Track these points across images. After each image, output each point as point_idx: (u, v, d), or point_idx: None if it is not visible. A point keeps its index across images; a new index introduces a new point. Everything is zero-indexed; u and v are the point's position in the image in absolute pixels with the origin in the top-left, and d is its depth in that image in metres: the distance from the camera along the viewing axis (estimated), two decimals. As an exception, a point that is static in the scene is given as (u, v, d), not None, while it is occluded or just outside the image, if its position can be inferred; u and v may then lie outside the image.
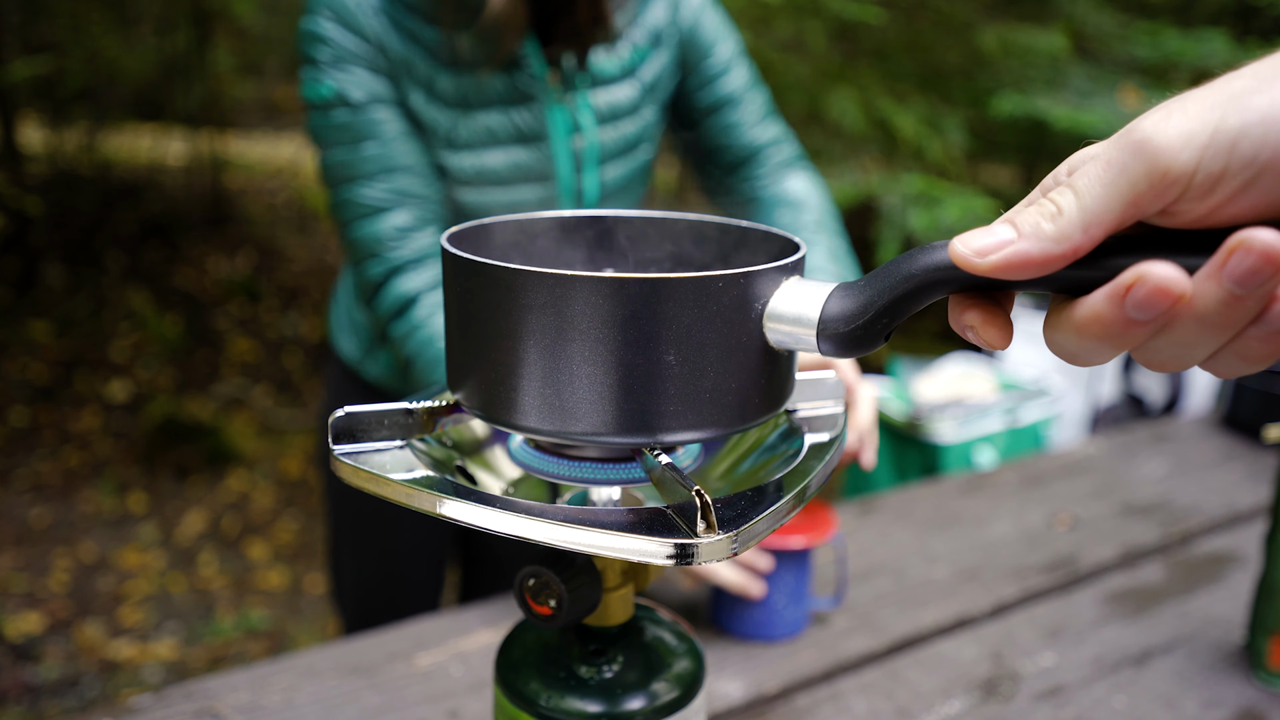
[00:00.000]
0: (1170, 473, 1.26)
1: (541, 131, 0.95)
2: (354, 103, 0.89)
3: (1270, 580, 0.80)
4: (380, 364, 1.11)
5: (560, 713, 0.45)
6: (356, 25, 0.89)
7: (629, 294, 0.37)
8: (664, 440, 0.40)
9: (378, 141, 0.90)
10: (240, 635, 2.29)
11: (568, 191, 0.99)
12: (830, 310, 0.39)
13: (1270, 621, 0.81)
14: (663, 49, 1.01)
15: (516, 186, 0.97)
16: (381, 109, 0.90)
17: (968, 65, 2.49)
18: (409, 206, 0.91)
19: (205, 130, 4.69)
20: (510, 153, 0.95)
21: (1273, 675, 0.82)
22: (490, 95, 0.93)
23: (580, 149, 0.98)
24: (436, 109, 0.92)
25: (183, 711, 0.72)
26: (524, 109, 0.94)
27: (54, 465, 2.97)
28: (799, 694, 0.78)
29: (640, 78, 1.00)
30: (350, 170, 0.90)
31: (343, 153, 0.90)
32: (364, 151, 0.90)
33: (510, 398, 0.40)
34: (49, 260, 3.98)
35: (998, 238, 0.33)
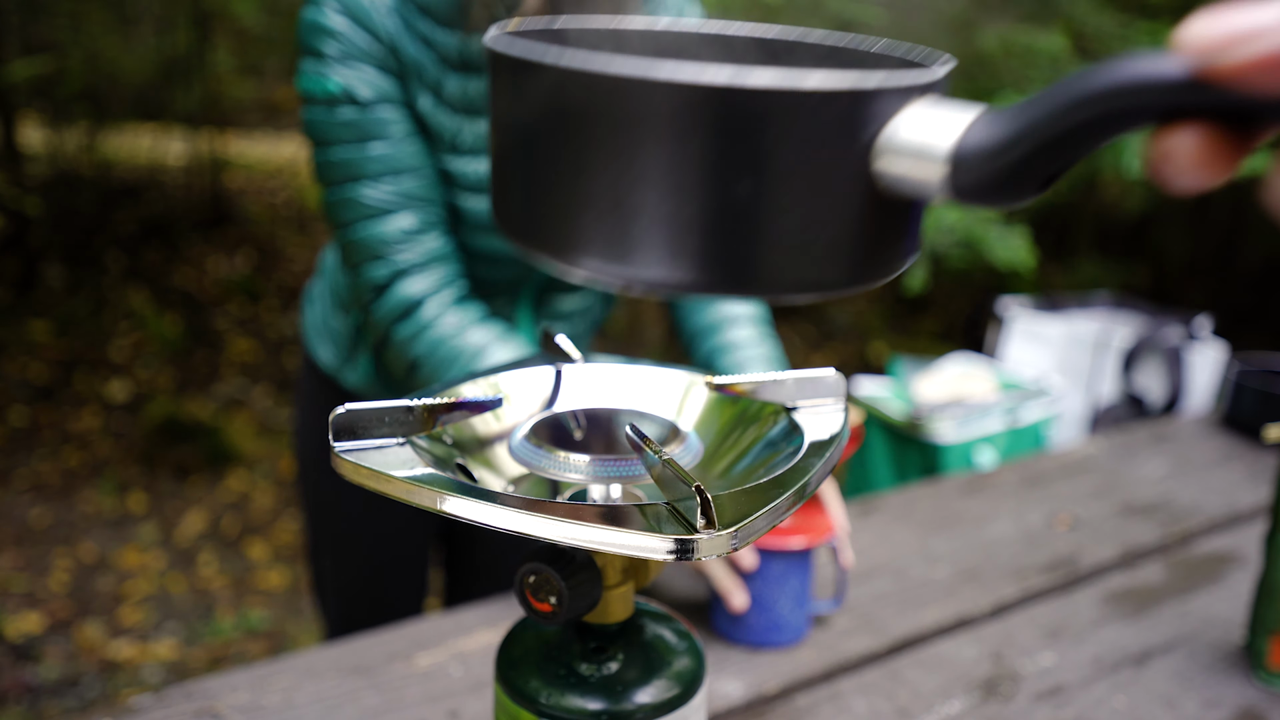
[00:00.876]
0: (1170, 473, 1.26)
1: None
2: (362, 100, 0.88)
3: (1270, 580, 0.80)
4: (359, 371, 1.10)
5: (561, 710, 0.45)
6: (369, 23, 0.87)
7: (704, 104, 0.29)
8: (733, 293, 0.32)
9: (386, 142, 0.89)
10: (240, 635, 2.29)
11: None
12: (971, 140, 0.29)
13: (1270, 621, 0.81)
14: None
15: None
16: (389, 109, 0.89)
17: (968, 65, 2.50)
18: (414, 209, 0.90)
19: (205, 130, 4.69)
20: None
21: (1273, 675, 0.82)
22: None
23: None
24: (443, 113, 0.91)
25: (183, 711, 0.72)
26: None
27: (54, 465, 2.97)
28: (799, 694, 0.78)
29: None
30: (354, 170, 0.89)
31: (347, 151, 0.89)
32: (370, 151, 0.88)
33: (567, 230, 0.33)
34: (49, 260, 3.98)
35: (1255, 22, 0.21)
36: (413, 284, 0.90)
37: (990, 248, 2.07)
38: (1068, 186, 5.10)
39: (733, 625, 0.84)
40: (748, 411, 0.52)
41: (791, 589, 0.82)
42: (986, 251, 2.08)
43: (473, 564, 1.25)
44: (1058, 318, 2.36)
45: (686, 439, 0.48)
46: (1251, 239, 5.31)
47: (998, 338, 2.37)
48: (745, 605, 0.81)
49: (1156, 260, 5.36)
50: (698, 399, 0.54)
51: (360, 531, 1.16)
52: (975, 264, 2.28)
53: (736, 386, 0.53)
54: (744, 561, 0.81)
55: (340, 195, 0.90)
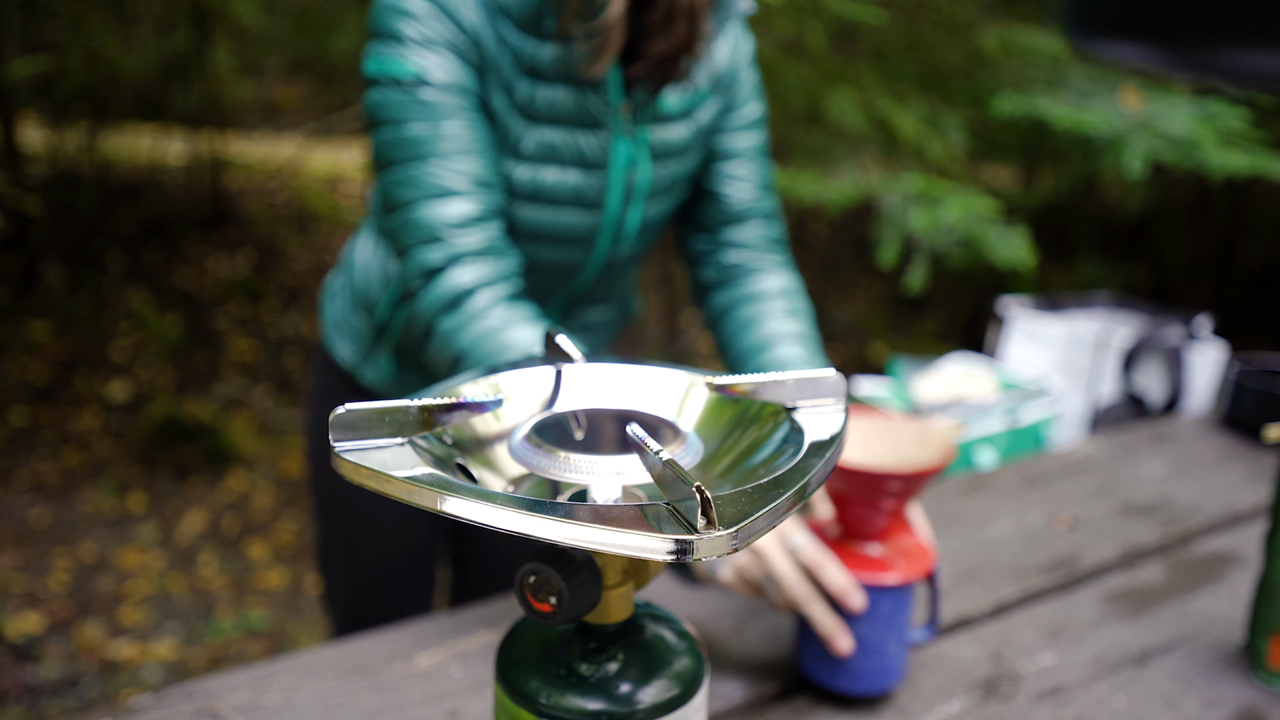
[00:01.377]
0: (1170, 473, 1.26)
1: (603, 160, 0.93)
2: (436, 83, 0.86)
3: (1270, 580, 0.80)
4: (378, 369, 1.10)
5: (561, 710, 0.45)
6: (454, 13, 0.86)
7: None
8: None
9: (458, 123, 0.86)
10: (240, 635, 2.29)
11: (611, 223, 0.98)
12: None
13: (1271, 622, 0.81)
14: (719, 95, 1.00)
15: (565, 209, 0.94)
16: (465, 95, 0.87)
17: (968, 65, 2.49)
18: (479, 196, 0.87)
19: (205, 130, 4.69)
20: (567, 174, 0.93)
21: (1273, 675, 0.82)
22: (561, 113, 0.90)
23: (633, 182, 0.96)
24: (510, 116, 0.90)
25: (182, 711, 0.72)
26: (590, 134, 0.92)
27: (54, 465, 2.97)
28: (799, 694, 0.78)
29: (696, 120, 0.98)
30: (423, 148, 0.85)
31: (417, 129, 0.85)
32: (443, 130, 0.85)
33: None
34: (49, 260, 3.98)
35: None
36: (466, 272, 0.85)
37: (990, 247, 2.07)
38: (1068, 187, 5.10)
39: (834, 672, 0.75)
40: (748, 412, 0.52)
41: (898, 626, 0.75)
42: (987, 251, 2.08)
43: (482, 562, 1.25)
44: (1058, 318, 2.36)
45: (686, 439, 0.48)
46: (1251, 239, 5.31)
47: (998, 338, 2.37)
48: (852, 648, 0.73)
49: (1156, 260, 5.36)
50: (698, 399, 0.54)
51: (370, 528, 1.16)
52: (975, 264, 2.28)
53: (736, 387, 0.53)
54: (853, 602, 0.72)
55: (405, 173, 0.86)
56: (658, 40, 0.88)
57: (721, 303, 1.06)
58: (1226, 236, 5.37)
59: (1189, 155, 2.07)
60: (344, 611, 1.22)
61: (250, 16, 3.86)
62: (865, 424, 0.78)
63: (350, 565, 1.19)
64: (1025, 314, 2.34)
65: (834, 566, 0.73)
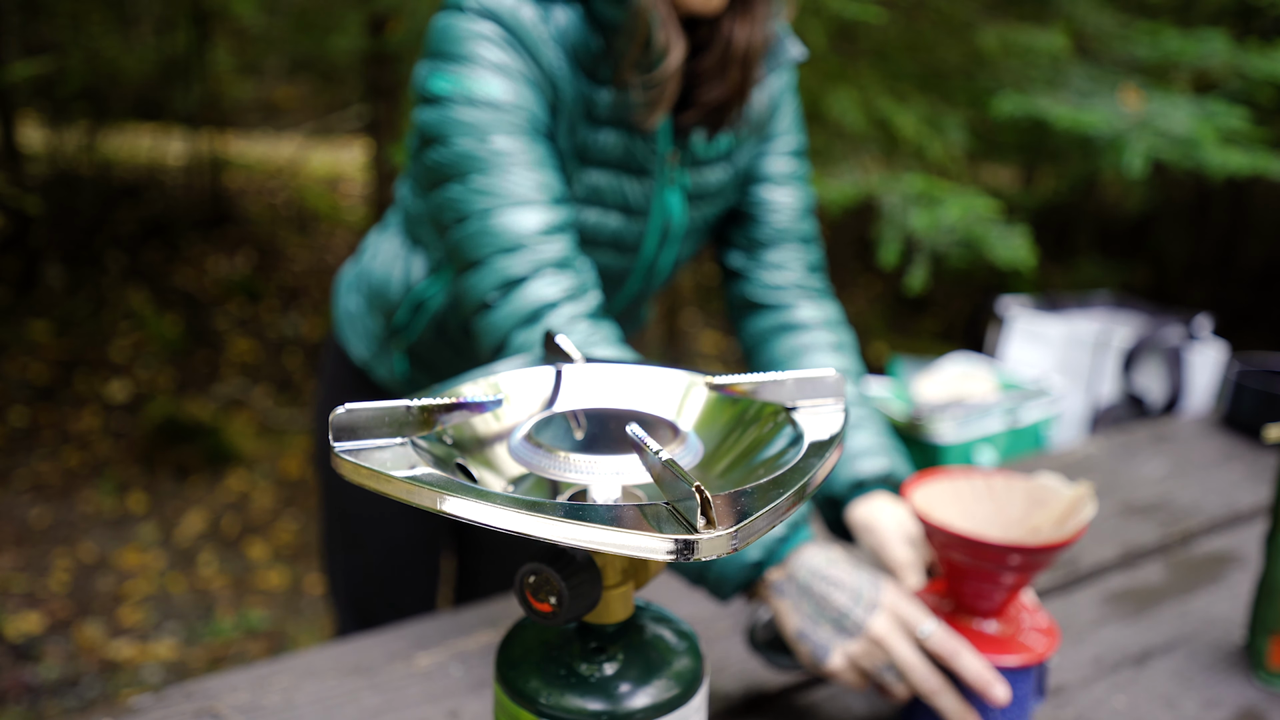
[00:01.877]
0: (1170, 473, 1.26)
1: (646, 206, 0.93)
2: (516, 106, 0.83)
3: (1270, 580, 0.80)
4: (390, 367, 1.10)
5: (560, 710, 0.45)
6: (535, 49, 0.84)
7: None
8: None
9: (536, 144, 0.83)
10: (240, 635, 2.29)
11: (645, 265, 0.97)
12: None
13: (1271, 621, 0.81)
14: (757, 136, 0.99)
15: (602, 250, 0.93)
16: (539, 124, 0.85)
17: (968, 65, 2.49)
18: (558, 208, 0.83)
19: (205, 130, 4.69)
20: (609, 216, 0.92)
21: (1273, 675, 0.82)
22: (611, 157, 0.89)
23: (668, 226, 0.95)
24: (568, 157, 0.89)
25: (183, 711, 0.72)
26: (636, 180, 0.91)
27: (54, 465, 2.97)
28: (799, 694, 0.78)
29: (735, 163, 0.98)
30: (502, 159, 0.82)
31: (501, 143, 0.82)
32: (523, 144, 0.82)
33: None
34: (49, 260, 3.98)
35: None
36: (548, 285, 0.80)
37: (990, 247, 2.07)
38: (1068, 186, 5.10)
39: None
40: (748, 412, 0.52)
41: (1030, 710, 0.69)
42: (987, 251, 2.08)
43: (486, 554, 1.25)
44: (1058, 318, 2.36)
45: (686, 439, 0.48)
46: (1251, 239, 5.31)
47: (998, 338, 2.37)
48: (1008, 698, 0.65)
49: (1156, 260, 5.36)
50: (698, 399, 0.54)
51: (373, 516, 1.16)
52: (975, 264, 2.28)
53: (736, 387, 0.53)
54: (998, 695, 0.65)
55: (471, 185, 0.82)
56: (711, 87, 0.87)
57: (760, 329, 1.03)
58: (1227, 236, 5.37)
59: (1189, 154, 2.07)
60: (347, 602, 1.22)
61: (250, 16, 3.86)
62: (964, 485, 0.72)
63: (353, 553, 1.19)
64: (1025, 314, 2.34)
65: (971, 655, 0.66)
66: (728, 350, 4.40)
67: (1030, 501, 0.71)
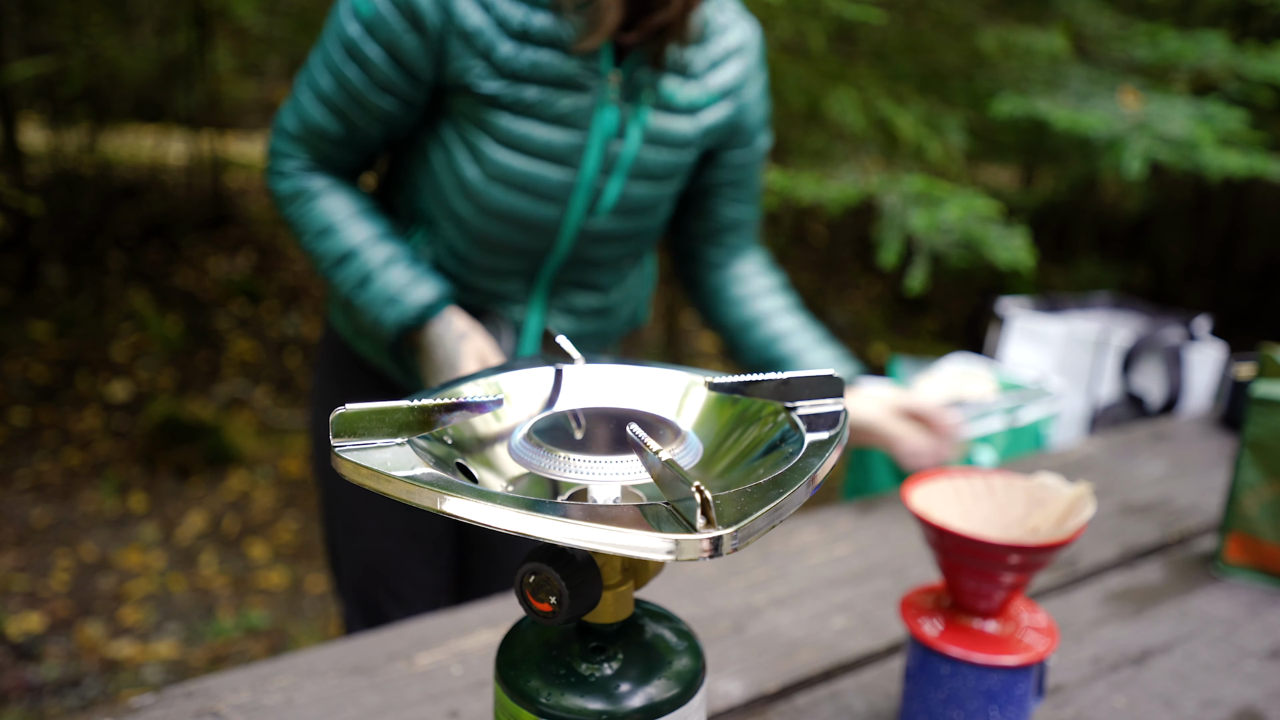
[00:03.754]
0: (1170, 472, 1.26)
1: (583, 121, 0.97)
2: (371, 33, 0.93)
3: (1233, 488, 0.97)
4: (366, 341, 1.13)
5: (560, 710, 0.46)
6: None
7: None
8: None
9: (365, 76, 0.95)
10: (240, 635, 2.29)
11: (586, 187, 1.01)
12: None
13: (1229, 521, 0.98)
14: (725, 105, 1.05)
15: (542, 162, 0.98)
16: (386, 58, 0.94)
17: (967, 66, 2.49)
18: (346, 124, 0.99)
19: (206, 130, 4.69)
20: (549, 130, 0.97)
21: (1228, 567, 0.99)
22: (546, 74, 0.95)
23: (615, 153, 1.00)
24: (492, 79, 0.94)
25: (183, 711, 0.72)
26: (573, 95, 0.96)
27: (55, 465, 2.97)
28: (799, 693, 0.79)
29: (701, 120, 1.03)
30: (329, 68, 0.97)
31: (336, 54, 0.96)
32: (347, 70, 0.96)
33: None
34: (50, 260, 3.98)
35: None
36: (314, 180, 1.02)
37: (990, 248, 2.07)
38: (1067, 187, 5.10)
39: None
40: (748, 411, 0.52)
41: (1029, 709, 0.69)
42: (986, 251, 2.08)
43: (475, 549, 1.26)
44: (1057, 318, 2.36)
45: (686, 439, 0.49)
46: (1250, 240, 5.31)
47: (998, 338, 2.38)
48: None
49: (1156, 260, 5.36)
50: (697, 399, 0.54)
51: (373, 504, 1.17)
52: (975, 264, 2.28)
53: (736, 386, 0.53)
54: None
55: (300, 92, 1.01)
56: (655, 14, 0.93)
57: (710, 285, 1.20)
58: (1225, 237, 5.37)
59: (1187, 156, 2.07)
60: (351, 594, 1.22)
61: (250, 17, 3.86)
62: (964, 485, 0.72)
63: (353, 539, 1.20)
64: (1025, 314, 2.34)
65: None
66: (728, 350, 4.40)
67: (1030, 501, 0.71)
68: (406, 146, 1.06)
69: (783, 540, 1.02)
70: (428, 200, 1.05)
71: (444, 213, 1.04)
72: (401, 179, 1.09)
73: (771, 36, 2.33)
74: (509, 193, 0.99)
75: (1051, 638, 0.68)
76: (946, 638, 0.67)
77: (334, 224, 1.02)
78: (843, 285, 5.27)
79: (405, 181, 1.08)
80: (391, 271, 1.01)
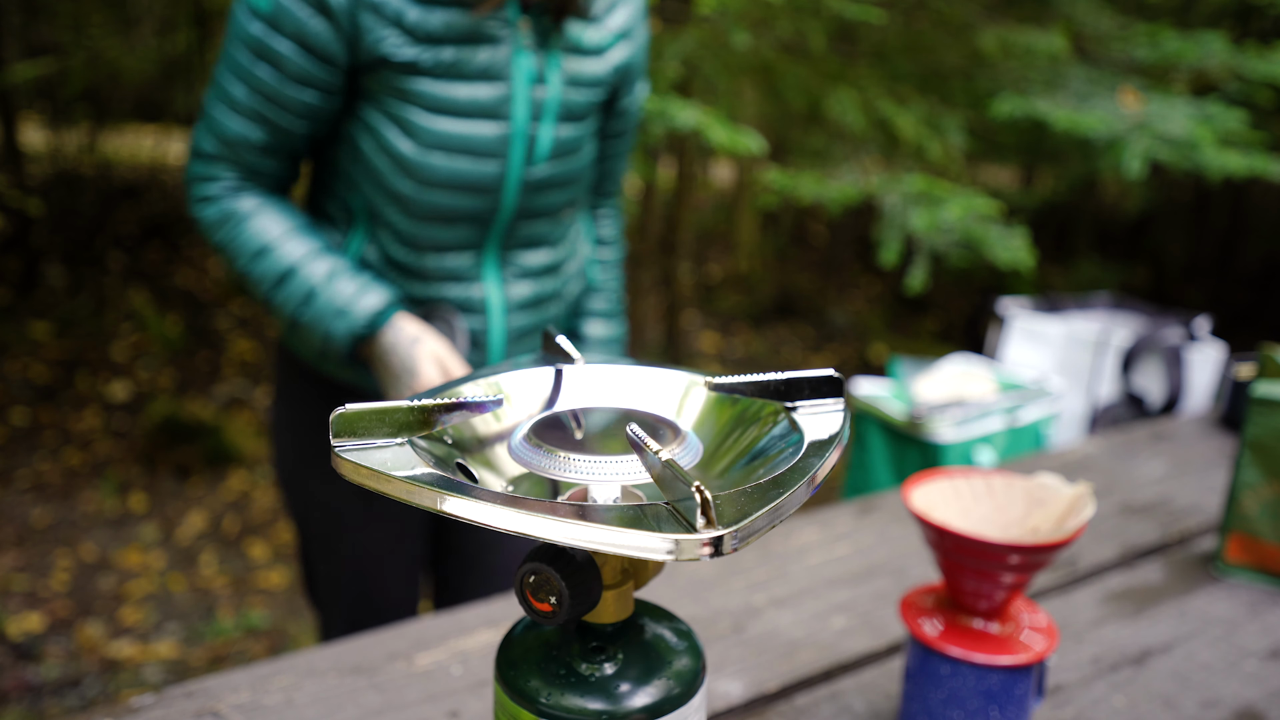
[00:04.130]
0: (1170, 472, 1.26)
1: (503, 71, 1.00)
2: (276, 27, 0.94)
3: (1233, 488, 0.97)
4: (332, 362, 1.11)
5: (560, 710, 0.46)
6: None
7: None
8: None
9: (275, 72, 0.96)
10: (240, 635, 2.29)
11: (521, 137, 1.03)
12: None
13: (1229, 522, 0.98)
14: (624, 46, 1.10)
15: (475, 121, 1.00)
16: (296, 49, 0.95)
17: (967, 66, 2.49)
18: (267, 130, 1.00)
19: (206, 131, 4.69)
20: (473, 88, 0.99)
21: (1228, 567, 0.99)
22: (459, 32, 0.97)
23: (541, 99, 1.02)
24: (407, 44, 0.96)
25: (183, 711, 0.72)
26: (489, 48, 0.99)
27: (55, 465, 2.97)
28: (799, 693, 0.79)
29: (609, 60, 1.08)
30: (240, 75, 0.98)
31: (242, 56, 0.97)
32: (257, 70, 0.96)
33: None
34: (50, 260, 3.98)
35: None
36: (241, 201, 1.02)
37: (990, 248, 2.07)
38: (1067, 187, 5.10)
39: None
40: (748, 411, 0.52)
41: (1029, 709, 0.68)
42: (986, 251, 2.08)
43: (452, 553, 1.25)
44: (1057, 318, 2.36)
45: (686, 439, 0.49)
46: (1250, 240, 5.31)
47: (998, 338, 2.38)
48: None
49: (1156, 260, 5.36)
50: (697, 399, 0.54)
51: (343, 528, 1.16)
52: (975, 264, 2.28)
53: (735, 387, 0.53)
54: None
55: (210, 100, 1.01)
56: None
57: None
58: (1225, 237, 5.37)
59: (1188, 156, 2.07)
60: (329, 609, 1.22)
61: (251, 17, 3.85)
62: (964, 484, 0.72)
63: (330, 569, 1.20)
64: (1025, 314, 2.34)
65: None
66: (727, 350, 4.40)
67: (1029, 501, 0.71)
68: (331, 142, 1.05)
69: (783, 540, 1.02)
70: (365, 190, 1.04)
71: (384, 198, 1.03)
72: (330, 181, 1.08)
73: (771, 36, 2.33)
74: (448, 158, 1.00)
75: (1051, 638, 0.68)
76: (946, 638, 0.67)
77: (269, 243, 1.01)
78: (843, 285, 5.27)
79: (336, 180, 1.07)
80: (336, 284, 1.00)
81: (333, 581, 1.20)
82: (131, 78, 4.23)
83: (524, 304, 1.12)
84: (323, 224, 1.09)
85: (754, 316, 4.79)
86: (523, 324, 1.13)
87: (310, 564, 1.23)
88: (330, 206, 1.08)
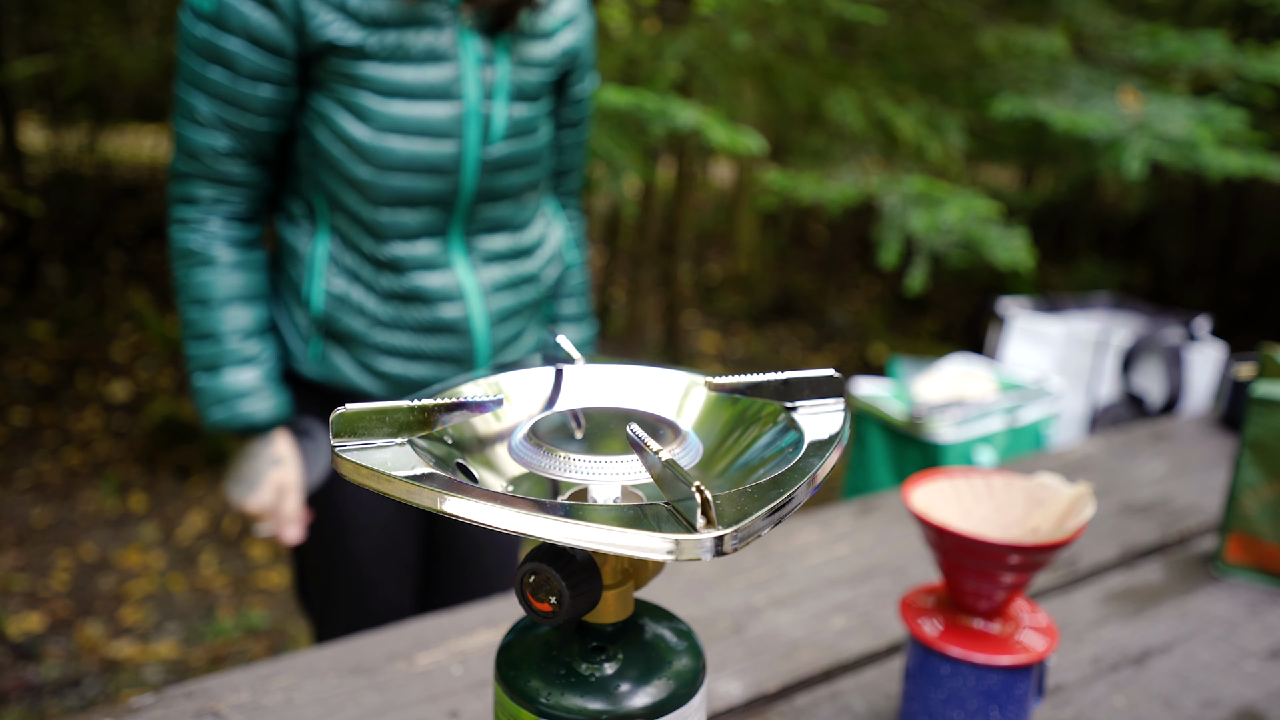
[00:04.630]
0: (1170, 472, 1.26)
1: (449, 53, 1.01)
2: (223, 25, 0.95)
3: (1232, 488, 0.97)
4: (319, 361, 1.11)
5: (560, 710, 0.46)
6: None
7: None
8: None
9: (227, 72, 0.97)
10: (240, 635, 2.29)
11: (475, 116, 1.04)
12: None
13: (1229, 522, 0.98)
14: (571, 31, 1.13)
15: (427, 102, 1.01)
16: (246, 45, 0.96)
17: (967, 67, 2.50)
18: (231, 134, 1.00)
19: (206, 131, 4.69)
20: (421, 70, 1.00)
21: (1228, 567, 0.99)
22: (400, 15, 0.98)
23: (491, 81, 1.04)
24: (349, 27, 0.97)
25: (183, 711, 0.72)
26: (431, 30, 1.00)
27: (55, 465, 2.97)
28: (799, 693, 0.79)
29: (558, 43, 1.11)
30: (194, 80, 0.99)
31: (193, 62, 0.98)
32: (209, 72, 0.97)
33: None
34: (50, 260, 3.98)
35: None
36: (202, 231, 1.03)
37: (990, 248, 2.07)
38: (1067, 187, 5.10)
39: None
40: (748, 411, 0.52)
41: (1029, 709, 0.68)
42: (986, 252, 2.08)
43: (455, 555, 1.25)
44: (1057, 318, 2.36)
45: (686, 439, 0.49)
46: (1250, 240, 5.31)
47: (998, 338, 2.38)
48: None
49: (1156, 260, 5.36)
50: (697, 399, 0.54)
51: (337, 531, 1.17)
52: (975, 264, 2.28)
53: (736, 386, 0.53)
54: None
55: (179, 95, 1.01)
56: None
57: None
58: (1225, 237, 5.37)
59: (1187, 156, 2.07)
60: (323, 613, 1.23)
61: (251, 17, 3.85)
62: (964, 484, 0.72)
63: (323, 576, 1.20)
64: (1025, 314, 2.34)
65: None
66: (727, 350, 4.40)
67: (1029, 501, 0.71)
68: (290, 140, 1.07)
69: (783, 540, 1.02)
70: (325, 183, 1.05)
71: (344, 186, 1.03)
72: (292, 180, 1.09)
73: (771, 37, 2.33)
74: (405, 139, 1.01)
75: (1051, 638, 0.68)
76: (946, 638, 0.67)
77: (211, 299, 1.03)
78: (843, 285, 5.27)
79: (298, 178, 1.08)
80: (241, 373, 1.04)
81: (327, 585, 1.20)
82: (131, 77, 4.23)
83: (500, 287, 1.13)
84: (287, 225, 1.10)
85: (754, 316, 4.79)
86: (503, 306, 1.14)
87: (305, 567, 1.23)
88: (294, 206, 1.10)
